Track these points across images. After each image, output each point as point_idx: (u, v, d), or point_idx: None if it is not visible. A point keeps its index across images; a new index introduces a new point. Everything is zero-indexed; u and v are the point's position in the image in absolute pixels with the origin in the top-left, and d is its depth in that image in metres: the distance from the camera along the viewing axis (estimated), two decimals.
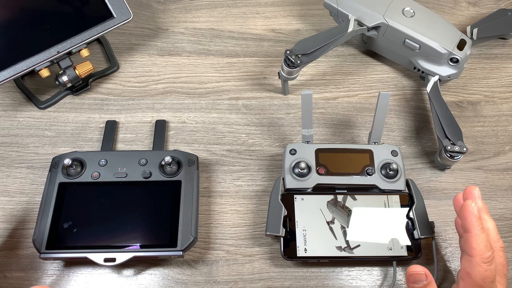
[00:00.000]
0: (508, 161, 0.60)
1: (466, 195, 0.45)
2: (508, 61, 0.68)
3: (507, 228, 0.55)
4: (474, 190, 0.44)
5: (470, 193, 0.44)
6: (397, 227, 0.51)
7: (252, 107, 0.63)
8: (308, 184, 0.53)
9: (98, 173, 0.53)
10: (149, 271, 0.51)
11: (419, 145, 0.61)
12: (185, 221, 0.50)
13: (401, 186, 0.53)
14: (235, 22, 0.70)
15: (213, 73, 0.65)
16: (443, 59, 0.60)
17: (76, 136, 0.59)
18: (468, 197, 0.44)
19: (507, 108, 0.64)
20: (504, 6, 0.74)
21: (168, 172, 0.53)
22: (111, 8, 0.58)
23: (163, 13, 0.70)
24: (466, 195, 0.45)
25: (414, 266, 0.44)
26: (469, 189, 0.45)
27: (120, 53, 0.66)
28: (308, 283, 0.51)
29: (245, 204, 0.56)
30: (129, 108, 0.62)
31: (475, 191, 0.44)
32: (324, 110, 0.63)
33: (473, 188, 0.44)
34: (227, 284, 0.51)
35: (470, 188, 0.45)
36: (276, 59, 0.67)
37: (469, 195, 0.45)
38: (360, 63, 0.67)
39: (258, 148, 0.60)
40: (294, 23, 0.71)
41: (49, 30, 0.56)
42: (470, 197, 0.44)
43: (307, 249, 0.50)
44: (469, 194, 0.45)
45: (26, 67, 0.54)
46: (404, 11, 0.61)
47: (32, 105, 0.61)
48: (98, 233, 0.49)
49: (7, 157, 0.58)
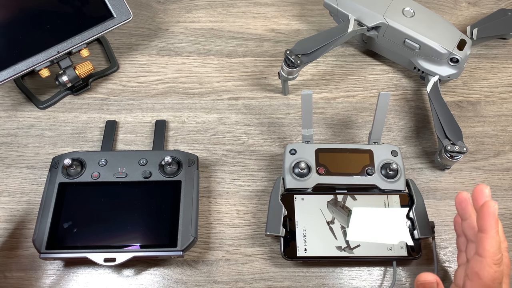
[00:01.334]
0: (508, 161, 0.60)
1: (477, 195, 0.42)
2: (508, 61, 0.68)
3: (507, 228, 0.55)
4: (486, 189, 0.41)
5: (481, 193, 0.41)
6: (397, 227, 0.51)
7: (252, 107, 0.63)
8: (308, 184, 0.53)
9: (98, 173, 0.53)
10: (149, 271, 0.51)
11: (419, 145, 0.61)
12: (185, 221, 0.50)
13: (401, 186, 0.53)
14: (235, 22, 0.70)
15: (213, 73, 0.65)
16: (443, 59, 0.60)
17: (76, 136, 0.59)
18: (479, 197, 0.42)
19: (507, 108, 0.64)
20: (504, 6, 0.74)
21: (168, 172, 0.53)
22: (111, 8, 0.58)
23: (163, 13, 0.70)
24: (477, 195, 0.42)
25: (424, 274, 0.43)
26: (480, 188, 0.41)
27: (120, 53, 0.66)
28: (308, 283, 0.51)
29: (245, 204, 0.56)
30: (129, 108, 0.62)
31: (486, 191, 0.41)
32: (324, 110, 0.63)
33: (485, 187, 0.41)
34: (227, 284, 0.51)
35: (481, 187, 0.41)
36: (276, 59, 0.67)
37: (480, 195, 0.42)
38: (360, 63, 0.67)
39: (258, 148, 0.60)
40: (294, 23, 0.71)
41: (49, 30, 0.56)
42: (481, 196, 0.41)
43: (307, 249, 0.50)
44: (480, 193, 0.42)
45: (26, 67, 0.54)
46: (404, 11, 0.61)
47: (32, 105, 0.61)
48: (98, 233, 0.49)
49: (7, 157, 0.58)
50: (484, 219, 0.40)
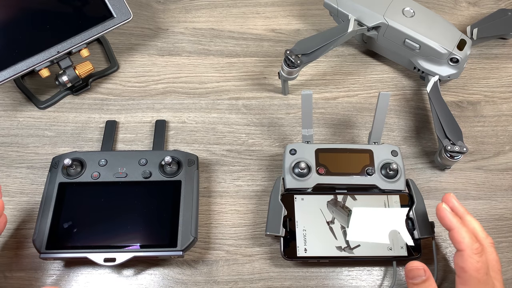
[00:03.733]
0: (508, 161, 0.60)
1: (442, 201, 0.48)
2: (508, 61, 0.68)
3: (507, 228, 0.55)
4: (450, 195, 0.48)
5: (446, 199, 0.48)
6: (397, 227, 0.51)
7: (252, 107, 0.63)
8: (308, 184, 0.53)
9: (98, 173, 0.53)
10: (149, 271, 0.51)
11: (419, 145, 0.61)
12: (185, 221, 0.50)
13: (401, 186, 0.53)
14: (235, 22, 0.70)
15: (213, 73, 0.65)
16: (443, 59, 0.60)
17: (76, 136, 0.59)
18: (442, 202, 0.48)
19: (507, 108, 0.64)
20: (504, 6, 0.74)
21: (168, 172, 0.53)
22: (111, 8, 0.58)
23: (163, 13, 0.70)
24: (442, 201, 0.48)
25: (412, 261, 0.46)
26: (446, 196, 0.49)
27: (120, 53, 0.66)
28: (308, 283, 0.51)
29: (245, 204, 0.56)
30: (129, 108, 0.62)
31: (450, 197, 0.48)
32: (324, 110, 0.63)
33: (449, 194, 0.48)
34: (227, 284, 0.51)
35: (446, 195, 0.49)
36: (276, 59, 0.67)
37: (445, 200, 0.48)
38: (360, 63, 0.67)
39: (258, 148, 0.60)
40: (294, 23, 0.71)
41: (49, 30, 0.56)
42: (446, 202, 0.48)
43: (307, 249, 0.50)
44: (445, 199, 0.48)
45: (26, 67, 0.54)
46: (404, 11, 0.61)
47: (32, 105, 0.61)
48: (98, 233, 0.49)
49: (7, 157, 0.58)
50: (442, 219, 0.46)
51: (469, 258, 0.43)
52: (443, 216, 0.46)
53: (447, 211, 0.46)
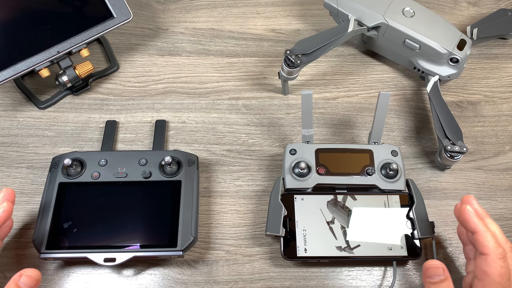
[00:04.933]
0: (508, 161, 0.60)
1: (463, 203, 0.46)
2: (508, 61, 0.68)
3: (508, 228, 0.55)
4: (470, 197, 0.46)
5: (467, 201, 0.46)
6: (397, 227, 0.51)
7: (252, 107, 0.63)
8: (308, 184, 0.53)
9: (98, 173, 0.53)
10: (149, 271, 0.51)
11: (419, 145, 0.61)
12: (185, 221, 0.50)
13: (401, 186, 0.53)
14: (235, 22, 0.70)
15: (213, 73, 0.65)
16: (443, 59, 0.60)
17: (76, 136, 0.59)
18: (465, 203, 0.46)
19: (507, 108, 0.64)
20: (504, 6, 0.74)
21: (168, 172, 0.53)
22: (111, 8, 0.58)
23: (163, 13, 0.70)
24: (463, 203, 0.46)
25: (431, 260, 0.45)
26: (467, 197, 0.46)
27: (120, 53, 0.66)
28: (308, 283, 0.51)
29: (245, 204, 0.56)
30: (129, 108, 0.62)
31: (471, 198, 0.46)
32: (324, 110, 0.63)
33: (470, 196, 0.46)
34: (227, 284, 0.51)
35: (467, 196, 0.46)
36: (276, 59, 0.67)
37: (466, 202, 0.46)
38: (360, 63, 0.67)
39: (258, 148, 0.60)
40: (294, 23, 0.71)
41: (49, 30, 0.56)
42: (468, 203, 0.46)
43: (307, 249, 0.50)
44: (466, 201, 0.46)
45: (26, 67, 0.54)
46: (404, 11, 0.61)
47: (32, 105, 0.61)
48: (98, 233, 0.49)
49: (7, 157, 0.58)
50: (467, 222, 0.44)
51: (493, 262, 0.41)
52: (467, 218, 0.44)
53: (472, 212, 0.44)
